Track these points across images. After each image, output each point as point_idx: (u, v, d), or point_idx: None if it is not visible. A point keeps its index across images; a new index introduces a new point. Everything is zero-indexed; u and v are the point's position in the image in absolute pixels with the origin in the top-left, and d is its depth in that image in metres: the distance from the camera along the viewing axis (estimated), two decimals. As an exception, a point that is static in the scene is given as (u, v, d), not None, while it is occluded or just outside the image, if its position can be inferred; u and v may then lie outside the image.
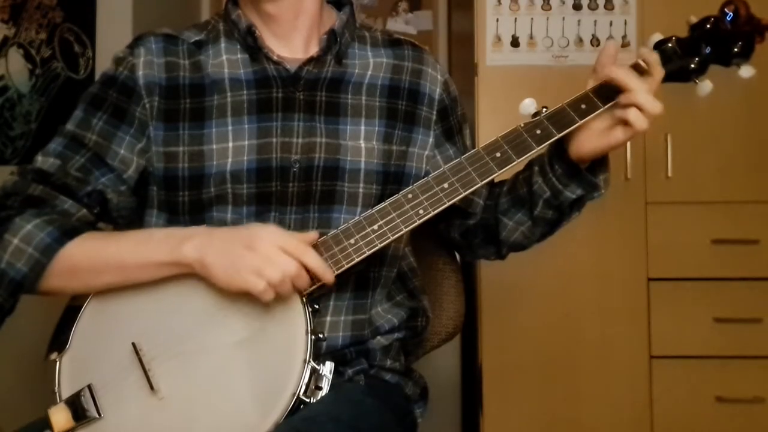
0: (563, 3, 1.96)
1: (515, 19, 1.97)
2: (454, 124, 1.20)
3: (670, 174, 1.93)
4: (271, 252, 0.92)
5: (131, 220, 1.11)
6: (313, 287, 0.97)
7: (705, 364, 1.92)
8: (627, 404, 1.92)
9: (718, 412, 1.91)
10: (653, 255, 1.94)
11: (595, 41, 1.94)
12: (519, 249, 1.22)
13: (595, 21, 1.95)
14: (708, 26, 1.05)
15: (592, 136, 1.04)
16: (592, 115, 1.02)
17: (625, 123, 1.00)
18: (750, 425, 1.90)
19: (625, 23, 1.95)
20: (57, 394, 0.96)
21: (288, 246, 0.93)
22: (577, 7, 1.96)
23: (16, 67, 2.31)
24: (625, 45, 1.93)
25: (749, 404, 1.90)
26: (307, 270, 0.94)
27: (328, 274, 0.95)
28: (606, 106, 1.02)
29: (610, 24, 1.95)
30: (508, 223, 1.16)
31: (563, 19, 1.96)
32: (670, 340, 1.93)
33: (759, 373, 1.91)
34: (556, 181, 1.08)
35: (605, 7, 1.95)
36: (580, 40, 1.95)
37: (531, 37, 1.97)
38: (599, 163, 1.09)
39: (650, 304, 1.94)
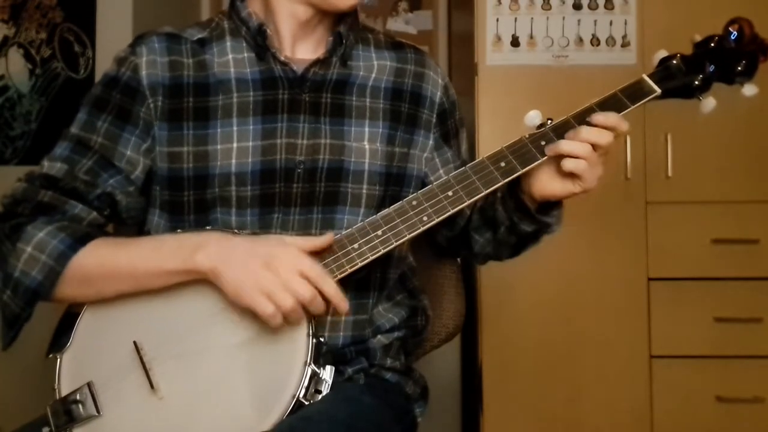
0: (563, 3, 1.96)
1: (515, 18, 1.97)
2: (451, 127, 1.21)
3: (670, 174, 1.93)
4: (289, 276, 0.90)
5: (140, 220, 1.11)
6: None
7: (705, 364, 1.92)
8: (627, 404, 1.92)
9: (718, 412, 1.91)
10: (653, 255, 1.94)
11: (595, 41, 1.94)
12: (495, 260, 1.25)
13: (595, 21, 1.95)
14: (712, 44, 1.06)
15: (541, 179, 1.04)
16: None
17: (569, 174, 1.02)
18: (750, 425, 1.90)
19: (625, 23, 1.95)
20: (57, 391, 0.96)
21: (309, 272, 0.91)
22: (577, 6, 1.96)
23: (16, 67, 2.31)
24: (625, 45, 1.93)
25: (749, 404, 1.90)
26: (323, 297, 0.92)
27: (343, 304, 0.93)
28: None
29: (610, 24, 1.95)
30: (478, 239, 1.21)
31: (563, 18, 1.96)
32: (670, 340, 1.93)
33: (759, 373, 1.91)
34: (512, 213, 1.11)
35: (605, 6, 1.95)
36: (580, 40, 1.95)
37: (531, 36, 1.97)
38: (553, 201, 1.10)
39: (650, 304, 1.94)
